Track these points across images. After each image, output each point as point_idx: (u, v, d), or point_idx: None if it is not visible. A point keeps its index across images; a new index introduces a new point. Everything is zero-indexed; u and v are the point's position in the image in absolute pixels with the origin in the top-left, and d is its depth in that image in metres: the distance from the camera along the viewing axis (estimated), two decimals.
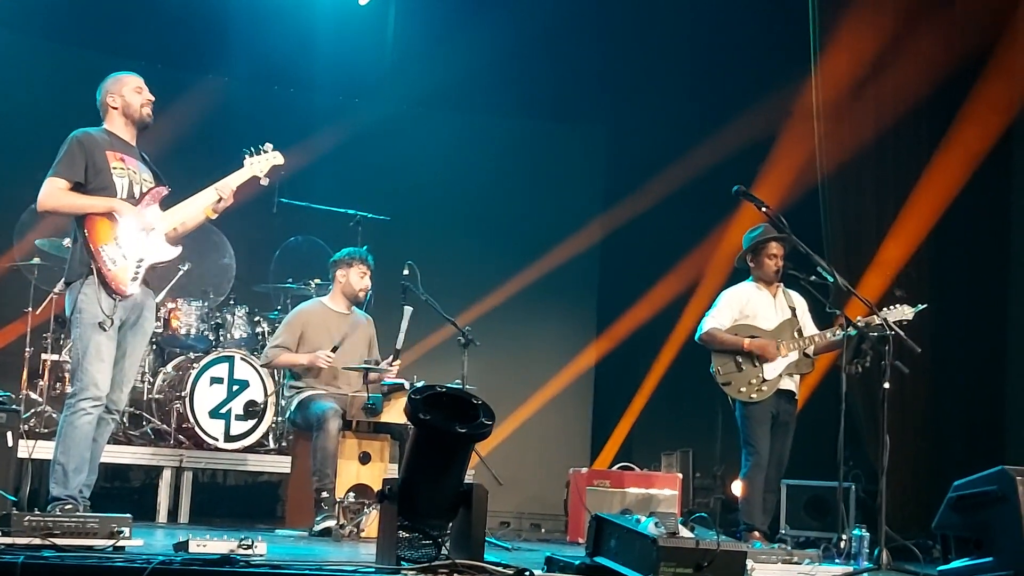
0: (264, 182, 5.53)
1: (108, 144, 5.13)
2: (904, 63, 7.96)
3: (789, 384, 6.45)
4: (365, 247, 7.44)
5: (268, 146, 5.52)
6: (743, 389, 6.35)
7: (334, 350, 6.56)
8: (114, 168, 5.09)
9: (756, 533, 6.22)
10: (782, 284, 6.59)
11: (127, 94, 5.20)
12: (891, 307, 6.14)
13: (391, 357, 6.68)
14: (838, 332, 6.25)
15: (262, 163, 5.48)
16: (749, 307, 6.49)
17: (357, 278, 6.80)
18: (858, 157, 8.01)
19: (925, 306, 6.32)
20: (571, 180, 10.44)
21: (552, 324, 10.32)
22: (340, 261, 6.85)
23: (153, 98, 5.25)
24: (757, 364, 6.35)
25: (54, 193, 4.99)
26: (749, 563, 4.41)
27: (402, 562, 4.06)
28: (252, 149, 5.49)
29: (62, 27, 8.86)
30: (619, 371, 10.16)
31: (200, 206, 5.30)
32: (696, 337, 6.55)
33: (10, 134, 8.24)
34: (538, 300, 9.92)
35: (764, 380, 6.35)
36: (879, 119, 8.05)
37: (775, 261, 6.46)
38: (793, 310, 6.55)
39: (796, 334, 6.45)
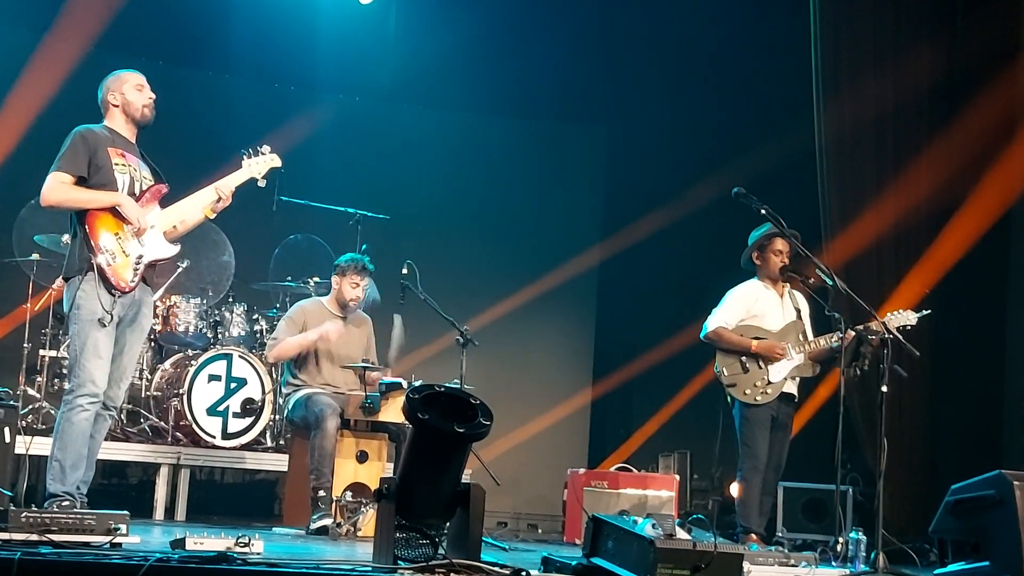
0: (261, 184, 5.54)
1: (110, 141, 5.13)
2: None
3: (791, 387, 6.45)
4: (364, 246, 7.45)
5: (265, 148, 5.52)
6: (748, 391, 6.34)
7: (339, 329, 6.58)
8: (116, 164, 5.09)
9: (753, 535, 6.22)
10: (788, 285, 6.59)
11: (128, 92, 5.20)
12: (895, 312, 6.13)
13: (384, 367, 6.69)
14: (835, 340, 6.24)
15: (260, 165, 5.48)
16: (757, 306, 6.48)
17: (348, 288, 6.78)
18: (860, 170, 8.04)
19: (929, 311, 6.31)
20: (572, 180, 10.44)
21: (552, 324, 10.31)
22: (337, 267, 6.84)
23: (154, 96, 5.25)
24: (763, 366, 6.35)
25: (57, 187, 4.99)
26: (746, 565, 4.42)
27: (399, 561, 4.06)
28: (250, 150, 5.49)
29: (62, 23, 8.83)
30: (617, 372, 10.15)
31: (199, 205, 5.30)
32: (702, 335, 6.52)
33: (12, 128, 8.22)
34: (538, 300, 9.91)
35: (769, 383, 6.35)
36: (883, 128, 8.09)
37: (781, 258, 6.46)
38: (799, 312, 6.55)
39: (801, 336, 6.45)
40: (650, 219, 9.62)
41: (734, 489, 6.60)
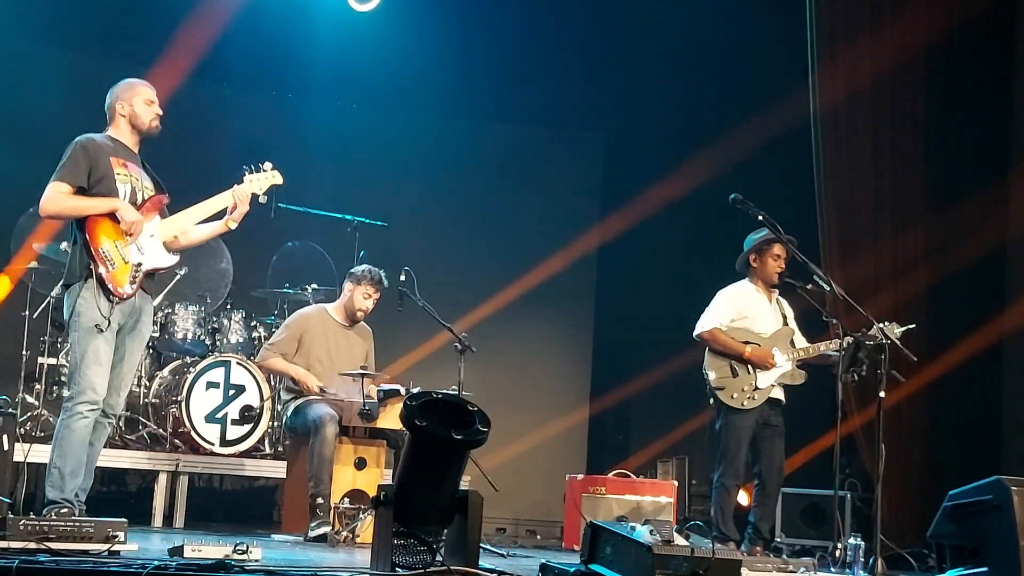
0: (262, 200, 5.58)
1: (112, 150, 5.14)
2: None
3: (778, 393, 6.42)
4: (363, 253, 7.44)
5: (267, 165, 5.57)
6: (735, 395, 6.32)
7: (322, 392, 6.58)
8: (117, 174, 5.10)
9: (731, 544, 6.15)
10: (776, 291, 6.58)
11: (137, 104, 5.21)
12: (883, 323, 6.09)
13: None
14: (833, 345, 6.21)
15: (261, 181, 5.53)
16: (748, 308, 6.46)
17: (360, 298, 6.78)
18: (855, 165, 8.04)
19: (913, 326, 6.25)
20: (569, 186, 10.44)
21: (549, 330, 10.31)
22: (352, 275, 6.84)
23: (161, 112, 5.27)
24: (751, 372, 6.33)
25: (56, 197, 5.00)
26: (744, 571, 4.42)
27: (397, 568, 4.06)
28: (252, 166, 5.52)
29: (64, 31, 8.84)
30: (616, 378, 10.15)
31: (205, 214, 5.32)
32: (695, 334, 6.47)
33: (12, 137, 8.23)
34: (535, 306, 9.90)
35: (756, 388, 6.32)
36: (877, 130, 8.10)
37: (779, 263, 6.44)
38: (785, 318, 6.54)
39: (790, 343, 6.43)
40: (647, 224, 9.62)
41: (742, 497, 6.56)
